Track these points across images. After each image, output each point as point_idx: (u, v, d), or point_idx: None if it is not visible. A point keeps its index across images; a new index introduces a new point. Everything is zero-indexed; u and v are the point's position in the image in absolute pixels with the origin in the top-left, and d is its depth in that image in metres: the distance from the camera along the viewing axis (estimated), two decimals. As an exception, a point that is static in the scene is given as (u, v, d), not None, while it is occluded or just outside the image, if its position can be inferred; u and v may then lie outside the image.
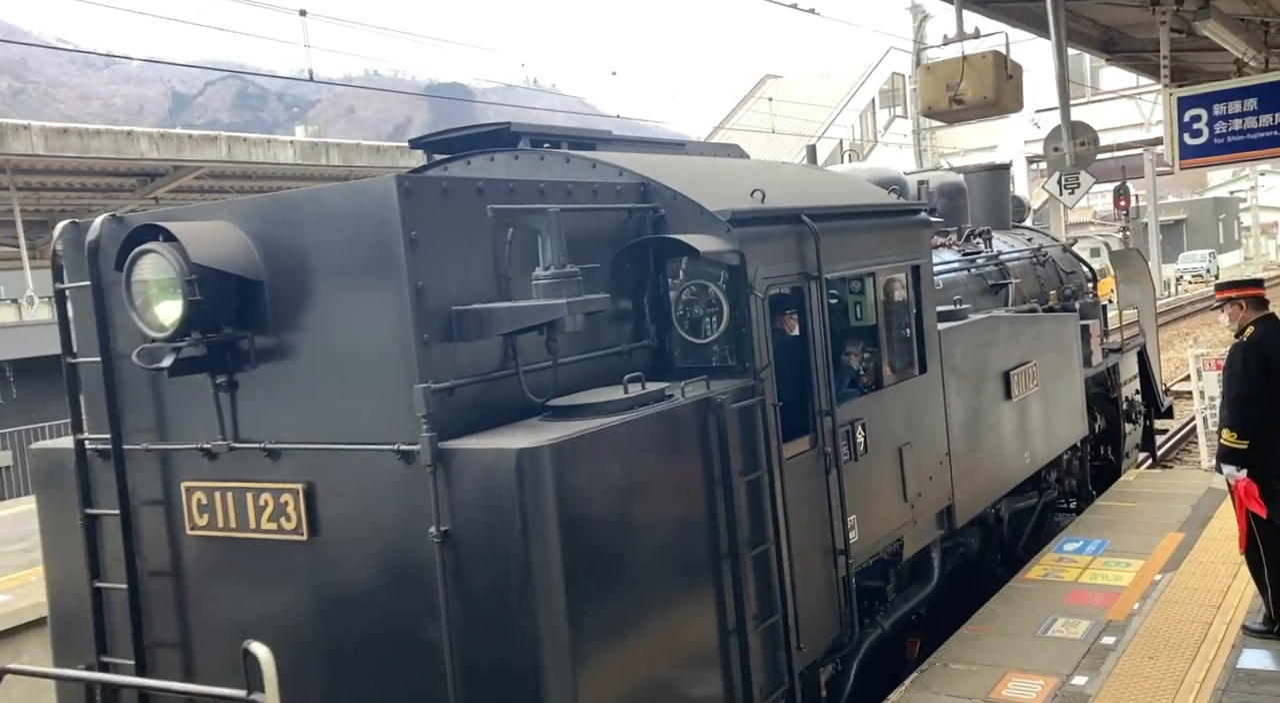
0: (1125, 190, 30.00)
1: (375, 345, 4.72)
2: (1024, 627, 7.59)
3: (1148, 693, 6.44)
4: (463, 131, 6.51)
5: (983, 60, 10.95)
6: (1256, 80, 11.54)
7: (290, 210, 4.94)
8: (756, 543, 5.61)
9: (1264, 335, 6.98)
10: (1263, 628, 7.11)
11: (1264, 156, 11.55)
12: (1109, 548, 9.14)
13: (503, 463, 4.45)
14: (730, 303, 5.68)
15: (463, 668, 4.54)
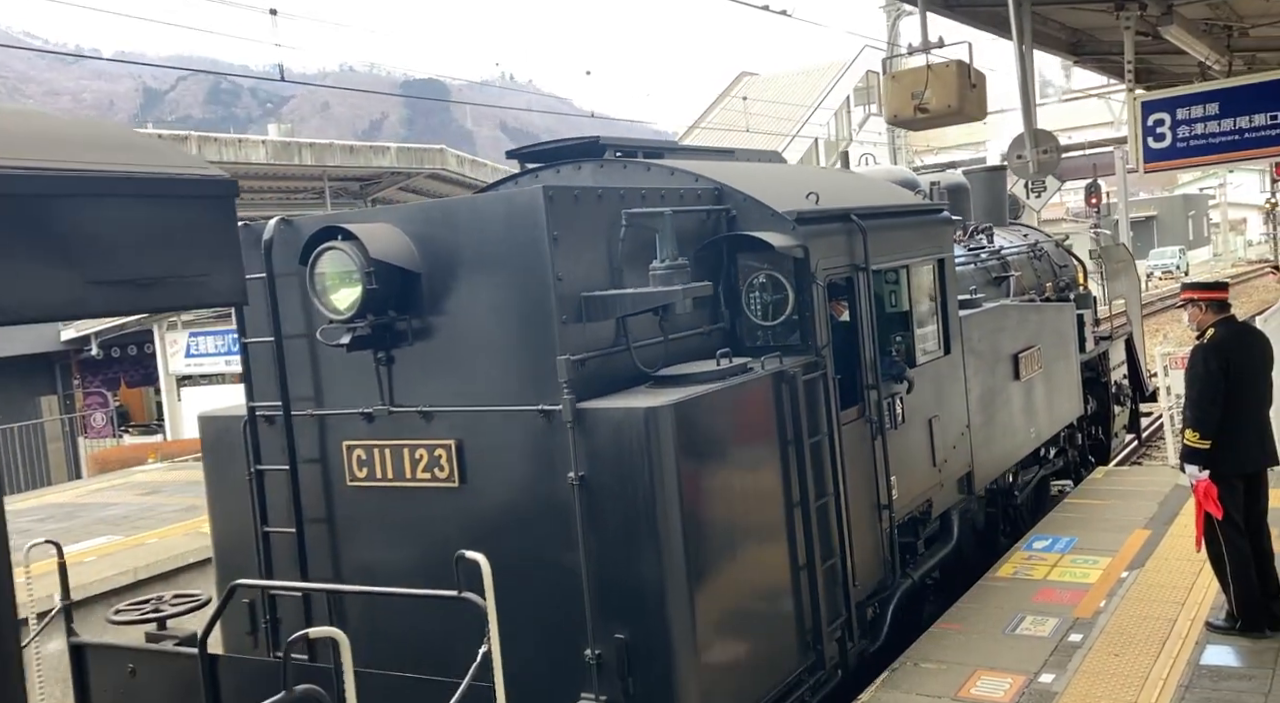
0: (1097, 188, 30.20)
1: (521, 325, 5.73)
2: (993, 625, 7.69)
3: (1113, 690, 6.52)
4: (555, 144, 7.51)
5: (946, 69, 11.22)
6: (1217, 85, 11.91)
7: (448, 214, 5.95)
8: (820, 495, 6.63)
9: (1224, 337, 7.11)
10: (1225, 625, 7.20)
11: (1225, 161, 11.87)
12: (1077, 546, 9.27)
13: (632, 420, 5.46)
14: (796, 290, 6.69)
15: (596, 588, 5.54)
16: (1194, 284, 7.44)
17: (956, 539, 8.75)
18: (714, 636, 5.66)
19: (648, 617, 5.50)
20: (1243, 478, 7.15)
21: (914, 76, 11.38)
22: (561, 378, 5.49)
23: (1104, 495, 10.83)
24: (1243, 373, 7.05)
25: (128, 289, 3.23)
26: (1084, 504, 10.60)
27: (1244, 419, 7.05)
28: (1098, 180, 30.91)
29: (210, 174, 3.53)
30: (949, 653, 7.26)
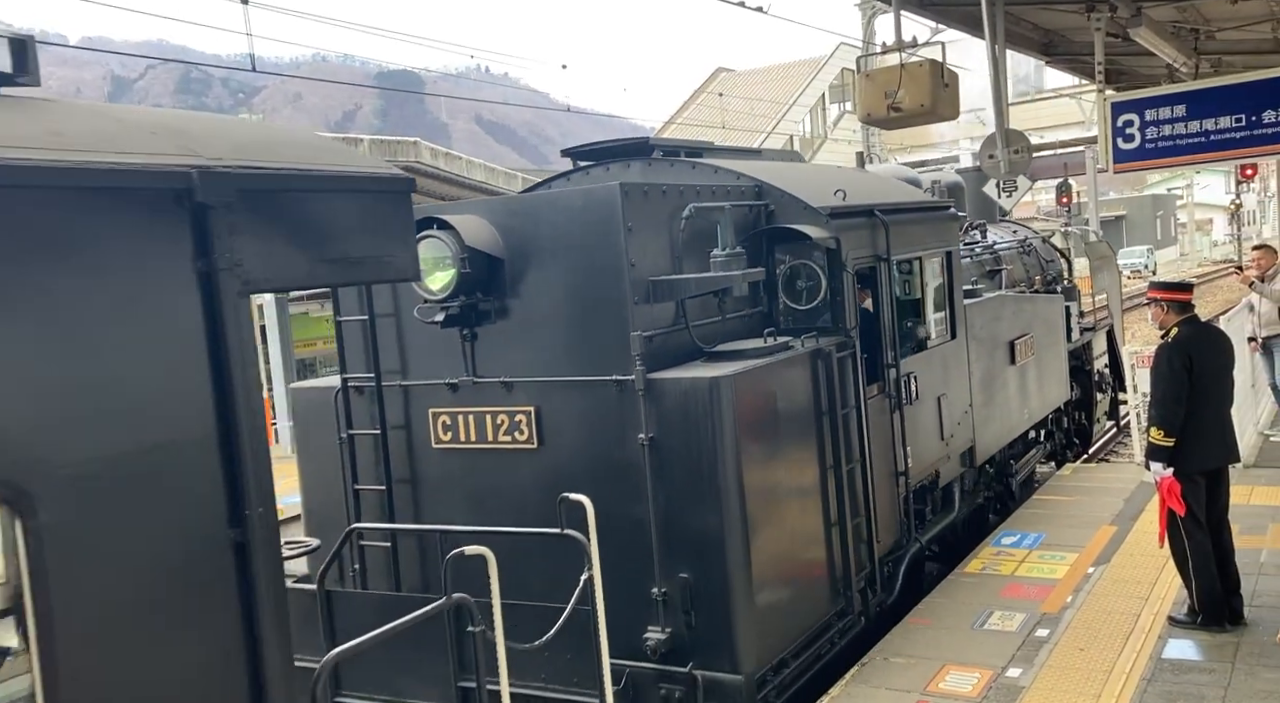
0: (1067, 187, 30.65)
1: (596, 305, 6.50)
2: (962, 620, 7.82)
3: (1078, 684, 6.65)
4: (606, 144, 8.28)
5: (920, 69, 11.41)
6: (1185, 88, 12.17)
7: (529, 207, 6.73)
8: (849, 461, 7.45)
9: (1188, 336, 7.22)
10: (1187, 619, 7.33)
11: (1193, 162, 11.98)
12: (1045, 542, 9.44)
13: (698, 388, 6.26)
14: (829, 278, 7.49)
15: (662, 535, 6.33)
16: (1160, 284, 7.56)
17: (959, 508, 9.61)
18: (763, 578, 6.47)
19: (708, 560, 6.30)
20: (1205, 475, 7.27)
21: (888, 76, 11.54)
22: (634, 352, 6.29)
23: (1071, 492, 11.04)
24: (1205, 371, 7.16)
25: (343, 265, 4.03)
26: (1052, 501, 10.79)
27: (1207, 417, 7.17)
28: (1068, 180, 31.32)
29: (397, 173, 4.31)
30: (918, 648, 7.39)
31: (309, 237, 3.81)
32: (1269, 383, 13.13)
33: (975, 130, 40.02)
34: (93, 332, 3.12)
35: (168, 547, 3.28)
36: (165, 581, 3.26)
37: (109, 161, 3.22)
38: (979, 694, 6.64)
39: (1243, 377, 10.98)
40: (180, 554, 3.31)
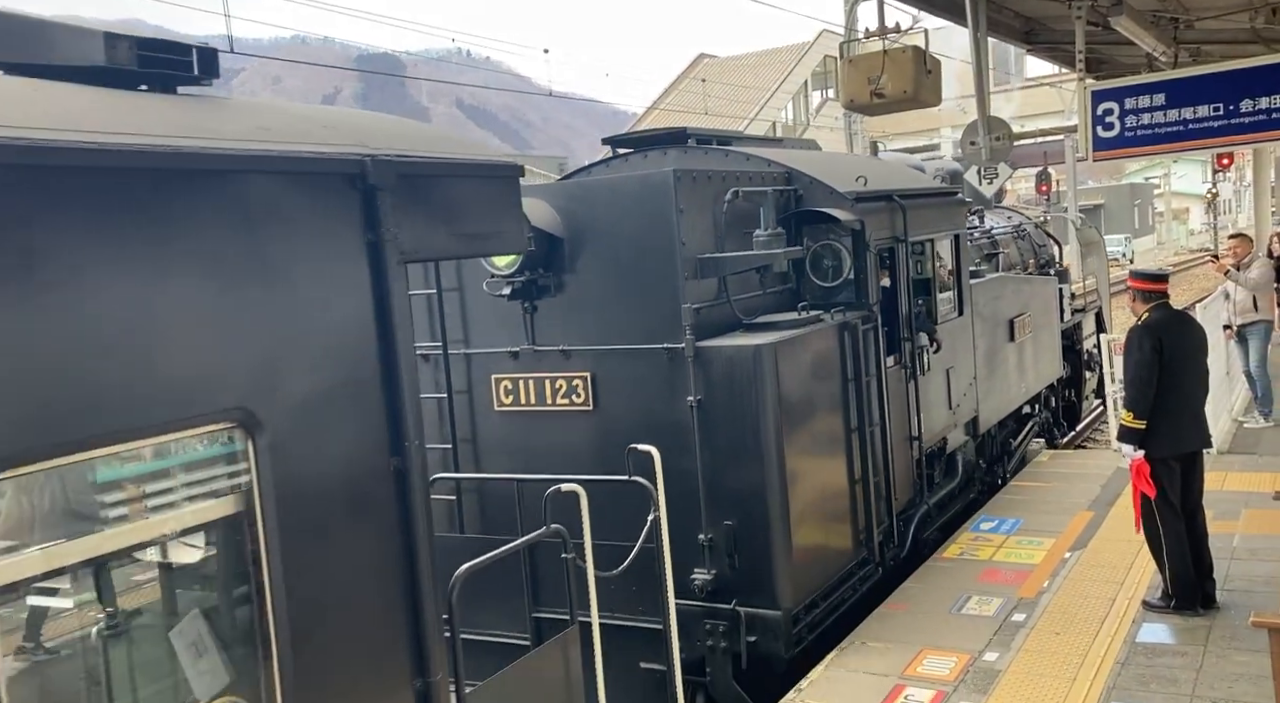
0: (1047, 176, 30.94)
1: (649, 281, 7.17)
2: (940, 605, 7.93)
3: (1053, 668, 6.75)
4: (646, 133, 8.95)
5: (903, 55, 11.48)
6: (1164, 77, 12.24)
7: (589, 192, 7.39)
8: (870, 424, 8.16)
9: (1158, 319, 7.32)
10: (1161, 603, 7.44)
11: (1172, 150, 12.11)
12: (1022, 527, 9.56)
13: (743, 355, 6.95)
14: (853, 257, 8.18)
15: (708, 487, 7.02)
16: (1137, 274, 7.65)
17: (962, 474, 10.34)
18: (798, 527, 7.17)
19: (750, 509, 7.00)
20: (1179, 460, 7.36)
21: (871, 62, 11.61)
22: (685, 322, 6.98)
23: (1049, 478, 11.20)
24: (1177, 356, 7.24)
25: (470, 239, 4.73)
26: (1030, 487, 10.95)
27: (1180, 402, 7.26)
28: (1048, 168, 31.59)
29: (510, 162, 5.01)
30: (896, 633, 7.52)
31: (445, 215, 4.50)
32: (1243, 370, 13.42)
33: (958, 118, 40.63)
34: (294, 290, 3.81)
35: (349, 468, 3.98)
36: (349, 494, 3.96)
37: (309, 151, 3.90)
38: (956, 678, 6.75)
39: (1218, 364, 11.29)
40: (357, 475, 4.00)
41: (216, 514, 3.60)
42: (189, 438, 3.48)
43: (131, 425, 3.20)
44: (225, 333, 3.52)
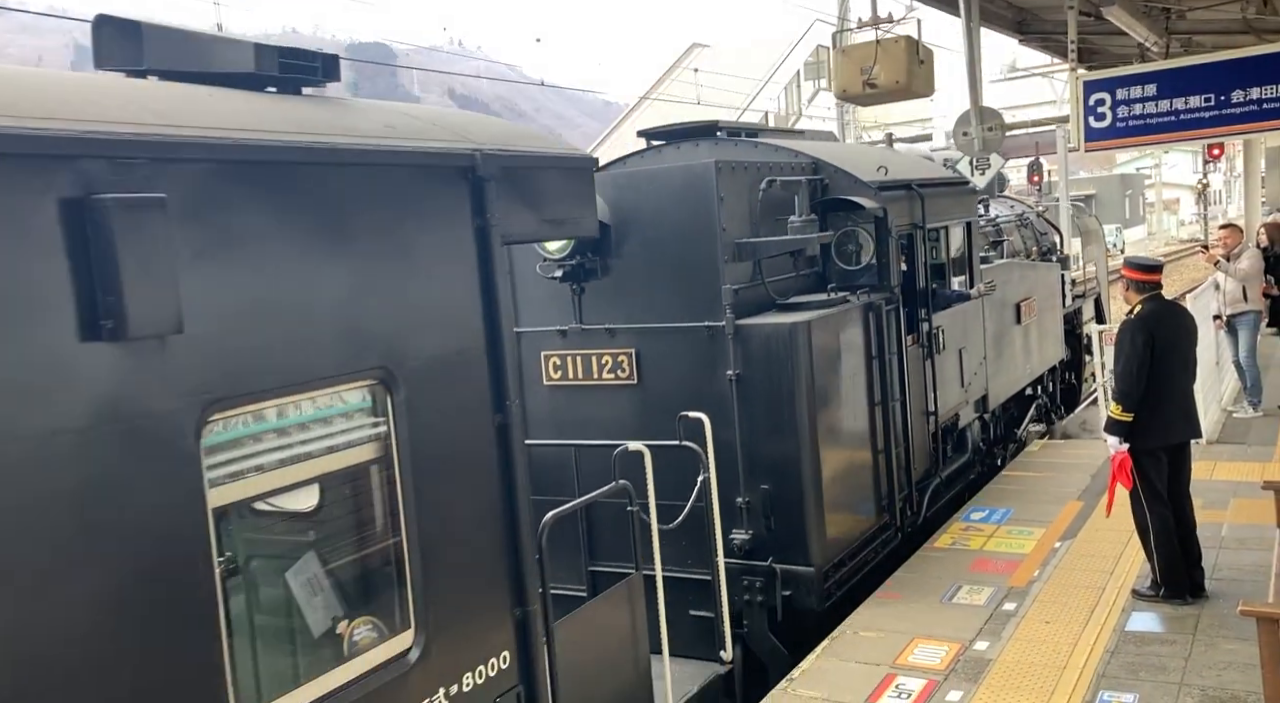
0: (1038, 166, 31.58)
1: (691, 264, 7.73)
2: (931, 594, 8.00)
3: (1043, 656, 6.80)
4: (678, 126, 9.49)
5: (895, 45, 11.54)
6: (1156, 67, 12.19)
7: (634, 181, 7.95)
8: (892, 398, 8.74)
9: (1150, 312, 7.30)
10: (1150, 592, 7.49)
11: (1163, 141, 12.09)
12: (1013, 517, 9.62)
13: (780, 332, 7.52)
14: (876, 242, 8.75)
15: (746, 454, 7.59)
16: (1132, 263, 7.68)
17: (971, 449, 10.93)
18: (828, 492, 7.75)
19: (785, 474, 7.58)
20: (1167, 450, 7.39)
21: (863, 52, 11.67)
22: (725, 302, 7.55)
23: (1040, 468, 11.26)
24: (1167, 348, 7.24)
25: (554, 224, 5.31)
26: (1020, 477, 11.02)
27: (1169, 393, 7.28)
28: (1040, 158, 31.94)
29: (587, 155, 5.59)
30: (888, 622, 7.57)
31: (536, 202, 5.09)
32: (1232, 360, 13.45)
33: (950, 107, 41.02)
34: (419, 268, 4.39)
35: (462, 423, 4.56)
36: (462, 446, 4.54)
37: (433, 146, 4.48)
38: (947, 667, 6.80)
39: (1207, 354, 11.51)
40: (469, 429, 4.58)
41: (366, 457, 4.19)
42: (347, 390, 4.07)
43: (313, 376, 3.80)
44: (371, 303, 4.10)
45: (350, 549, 4.38)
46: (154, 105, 3.51)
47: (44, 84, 3.40)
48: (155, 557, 3.25)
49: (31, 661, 2.89)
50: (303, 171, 3.86)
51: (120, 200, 3.10)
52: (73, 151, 3.07)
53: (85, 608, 3.04)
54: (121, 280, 3.08)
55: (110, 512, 3.13)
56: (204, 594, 3.38)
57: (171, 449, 3.30)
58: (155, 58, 4.08)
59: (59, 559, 2.99)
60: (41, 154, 3.01)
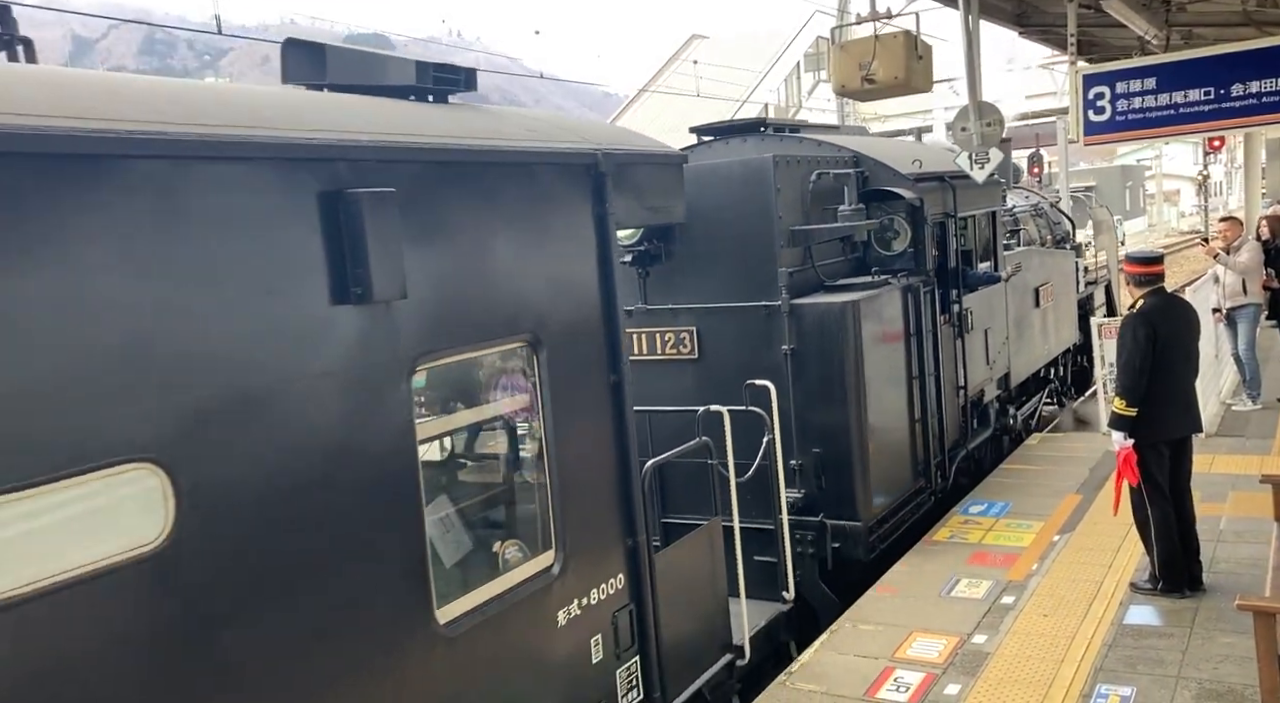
0: (1039, 157, 31.62)
1: (750, 249, 8.50)
2: (930, 588, 8.04)
3: (1041, 649, 6.81)
4: (727, 123, 10.28)
5: (894, 40, 11.52)
6: (1156, 60, 12.16)
7: (696, 174, 8.66)
8: (928, 373, 9.54)
9: (1152, 307, 7.28)
10: (1148, 586, 7.51)
11: (1162, 135, 12.05)
12: (1011, 510, 9.66)
13: (833, 311, 8.31)
14: (913, 229, 9.53)
15: (799, 421, 8.38)
16: (1133, 257, 7.67)
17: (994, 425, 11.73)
18: (872, 456, 8.54)
19: (835, 439, 8.38)
20: (1169, 444, 7.39)
21: (862, 48, 11.65)
22: (781, 283, 8.33)
23: (1039, 461, 11.32)
24: (1170, 342, 7.23)
25: (653, 212, 6.10)
26: (1020, 469, 11.07)
27: (1171, 387, 7.28)
28: (1040, 150, 32.39)
29: (677, 152, 6.38)
30: (886, 615, 7.62)
31: (639, 193, 5.88)
32: (1231, 353, 13.46)
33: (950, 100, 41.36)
34: (556, 248, 5.21)
35: (587, 378, 5.38)
36: (588, 398, 5.35)
37: (565, 147, 5.29)
38: (945, 660, 6.83)
39: (1207, 347, 11.28)
40: (593, 384, 5.39)
41: (521, 405, 5.02)
42: (508, 348, 4.90)
43: (487, 336, 4.64)
44: (524, 277, 4.92)
45: (509, 480, 5.23)
46: (376, 118, 4.33)
47: (283, 100, 4.21)
48: (382, 471, 4.09)
49: (324, 547, 3.74)
50: (476, 169, 4.68)
51: (366, 194, 3.91)
52: (330, 156, 3.88)
53: (346, 503, 3.88)
54: (368, 257, 3.88)
55: (357, 435, 3.95)
56: (415, 504, 4.23)
57: (393, 389, 4.12)
58: (334, 74, 4.87)
59: (329, 467, 3.81)
60: (309, 159, 3.82)
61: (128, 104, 3.40)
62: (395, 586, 4.16)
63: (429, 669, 4.30)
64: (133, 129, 3.25)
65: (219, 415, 3.47)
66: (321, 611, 3.79)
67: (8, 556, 2.90)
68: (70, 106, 3.19)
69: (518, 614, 4.84)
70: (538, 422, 5.06)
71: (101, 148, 3.16)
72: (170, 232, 3.36)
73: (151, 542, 3.26)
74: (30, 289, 2.97)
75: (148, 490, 3.24)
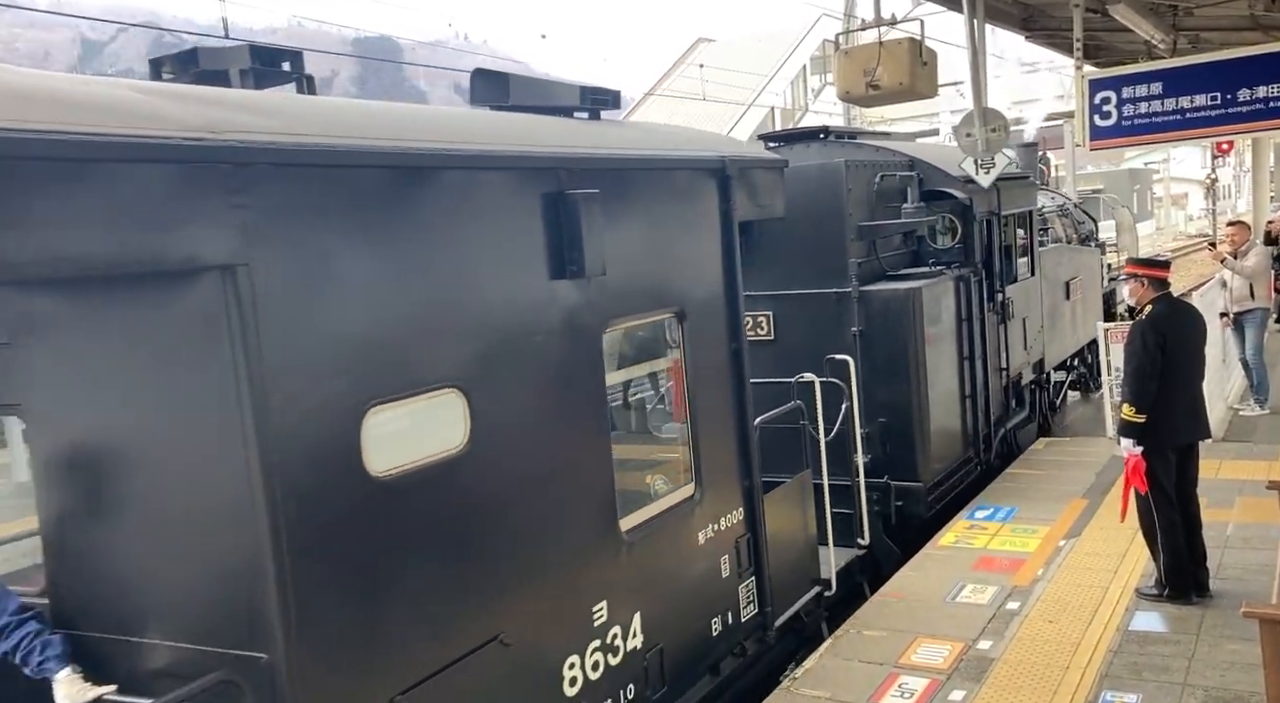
0: (1046, 161, 33.28)
1: (824, 242, 9.58)
2: (935, 593, 7.96)
3: (1046, 655, 6.76)
4: (793, 131, 11.38)
5: (898, 47, 11.60)
6: (1161, 65, 12.06)
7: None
8: (976, 355, 10.63)
9: (1161, 313, 7.23)
10: (1154, 592, 7.43)
11: (1168, 139, 11.94)
12: (1017, 515, 9.63)
13: (898, 296, 9.40)
14: (963, 226, 10.61)
15: (865, 394, 9.44)
16: (1137, 260, 7.67)
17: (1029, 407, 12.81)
18: (932, 424, 9.64)
19: (899, 410, 9.47)
20: (1176, 450, 7.35)
21: (866, 53, 11.74)
22: (851, 273, 9.43)
23: (1044, 466, 11.30)
24: (1178, 348, 7.19)
25: (762, 207, 7.21)
26: (1025, 474, 11.05)
27: (1179, 394, 7.22)
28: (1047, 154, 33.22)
29: (781, 158, 7.49)
30: (892, 620, 7.56)
31: (752, 193, 6.98)
32: (1239, 357, 13.39)
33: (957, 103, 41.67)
34: (694, 237, 6.35)
35: (715, 345, 6.50)
36: (716, 361, 6.48)
37: (701, 154, 6.41)
38: (950, 666, 6.78)
39: (1214, 352, 11.37)
40: (719, 350, 6.52)
41: (671, 364, 6.17)
42: (664, 318, 6.04)
43: (651, 307, 5.80)
44: (673, 261, 6.06)
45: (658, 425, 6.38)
46: (573, 134, 5.49)
47: (514, 123, 5.36)
48: (587, 405, 5.27)
49: (558, 457, 4.91)
50: (643, 173, 5.83)
51: (581, 194, 5.06)
52: (554, 165, 5.02)
53: (568, 427, 5.06)
54: (582, 242, 5.01)
55: (572, 376, 5.11)
56: (606, 434, 5.43)
57: (592, 344, 5.28)
58: (516, 97, 5.99)
59: (557, 399, 4.98)
60: (542, 167, 4.96)
61: (423, 129, 4.54)
62: (596, 495, 5.34)
63: (617, 563, 5.50)
64: (439, 149, 4.39)
65: (494, 358, 4.60)
66: (559, 503, 4.95)
67: (387, 444, 4.02)
68: (388, 131, 4.32)
69: (672, 530, 6.03)
70: (682, 378, 6.18)
71: (422, 162, 4.29)
72: (464, 224, 4.51)
73: (457, 448, 4.39)
74: (391, 268, 4.12)
75: (456, 408, 4.37)
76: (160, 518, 3.87)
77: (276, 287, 3.70)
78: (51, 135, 3.01)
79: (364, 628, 4.02)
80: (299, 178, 3.82)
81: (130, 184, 3.26)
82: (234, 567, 3.74)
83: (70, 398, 4.03)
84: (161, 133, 3.36)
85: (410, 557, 4.19)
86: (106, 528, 4.04)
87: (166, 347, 3.75)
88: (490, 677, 4.63)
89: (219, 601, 3.82)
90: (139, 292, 3.72)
